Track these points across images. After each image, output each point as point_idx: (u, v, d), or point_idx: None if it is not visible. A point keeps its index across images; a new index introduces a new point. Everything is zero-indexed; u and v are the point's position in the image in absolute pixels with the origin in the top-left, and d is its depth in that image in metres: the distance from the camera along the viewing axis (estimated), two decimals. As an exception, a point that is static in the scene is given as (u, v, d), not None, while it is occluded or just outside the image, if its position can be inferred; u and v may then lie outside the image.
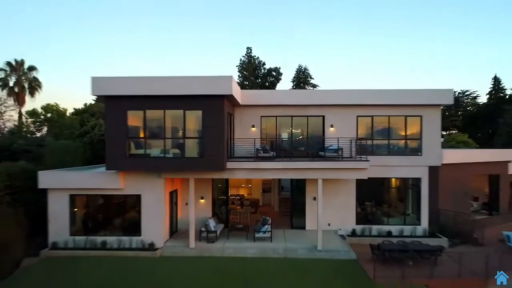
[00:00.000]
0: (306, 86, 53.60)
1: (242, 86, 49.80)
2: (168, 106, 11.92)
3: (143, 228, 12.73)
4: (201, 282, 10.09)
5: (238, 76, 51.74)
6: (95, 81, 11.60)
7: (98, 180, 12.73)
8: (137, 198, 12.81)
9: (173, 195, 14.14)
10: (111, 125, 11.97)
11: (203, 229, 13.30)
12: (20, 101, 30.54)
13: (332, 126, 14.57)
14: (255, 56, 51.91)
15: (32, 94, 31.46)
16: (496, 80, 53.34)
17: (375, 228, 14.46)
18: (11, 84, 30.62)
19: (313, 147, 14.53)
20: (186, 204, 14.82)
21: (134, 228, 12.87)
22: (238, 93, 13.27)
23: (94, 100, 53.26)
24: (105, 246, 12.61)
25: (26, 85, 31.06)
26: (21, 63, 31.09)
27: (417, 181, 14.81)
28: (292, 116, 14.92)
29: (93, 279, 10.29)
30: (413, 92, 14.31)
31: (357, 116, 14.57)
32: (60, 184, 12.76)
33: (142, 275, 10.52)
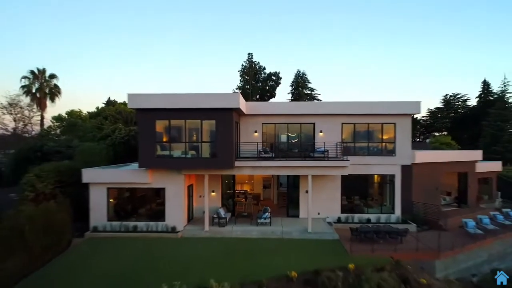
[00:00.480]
0: (304, 89, 56.60)
1: (243, 89, 52.84)
2: (188, 117, 14.90)
3: (167, 214, 15.72)
4: (216, 256, 13.01)
5: (240, 80, 54.76)
6: (131, 97, 14.59)
7: (131, 175, 15.71)
8: (162, 190, 15.81)
9: (190, 189, 17.12)
10: (143, 131, 14.95)
11: (215, 216, 16.29)
12: (42, 106, 33.53)
13: (321, 131, 17.54)
14: (255, 61, 54.92)
15: (52, 99, 34.47)
16: (486, 84, 56.32)
17: (356, 216, 17.44)
18: (33, 90, 33.64)
19: (305, 149, 17.50)
20: (200, 196, 17.85)
21: (159, 214, 15.86)
22: (243, 105, 16.23)
23: (103, 103, 56.38)
24: (136, 229, 15.60)
25: (47, 92, 34.06)
26: (42, 71, 34.11)
27: (391, 177, 17.80)
28: (288, 123, 17.90)
29: (129, 254, 13.21)
30: (388, 103, 17.29)
31: (342, 123, 17.55)
32: (99, 179, 15.74)
33: (169, 251, 13.46)
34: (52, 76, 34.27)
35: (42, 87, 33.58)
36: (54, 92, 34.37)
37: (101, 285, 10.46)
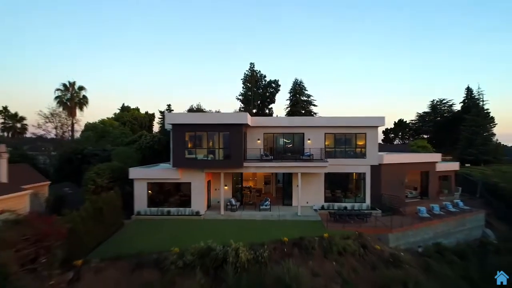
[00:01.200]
0: (301, 96, 61.73)
1: (245, 95, 58.10)
2: (209, 129, 20.12)
3: (192, 202, 20.94)
4: (231, 230, 18.19)
5: (242, 87, 59.99)
6: (168, 115, 19.86)
7: (165, 173, 20.94)
8: (189, 184, 21.04)
9: (208, 183, 22.35)
10: (176, 140, 20.17)
11: (228, 204, 21.52)
12: (72, 114, 38.74)
13: (309, 139, 22.76)
14: (257, 70, 60.23)
15: (81, 108, 39.74)
16: (469, 90, 61.51)
17: (336, 205, 22.64)
18: (65, 100, 38.88)
19: (297, 153, 22.71)
20: (216, 189, 23.07)
21: (186, 202, 21.09)
22: (250, 120, 21.43)
23: (119, 109, 61.56)
24: (169, 213, 20.82)
25: (77, 101, 39.30)
26: (73, 84, 39.38)
27: (363, 175, 23.00)
28: (283, 133, 23.12)
29: (168, 229, 18.38)
30: (360, 118, 22.50)
31: (325, 133, 22.77)
32: (141, 176, 20.96)
33: (196, 227, 18.65)
34: (81, 88, 39.55)
35: (72, 97, 38.86)
36: (83, 102, 39.62)
37: (157, 244, 15.64)
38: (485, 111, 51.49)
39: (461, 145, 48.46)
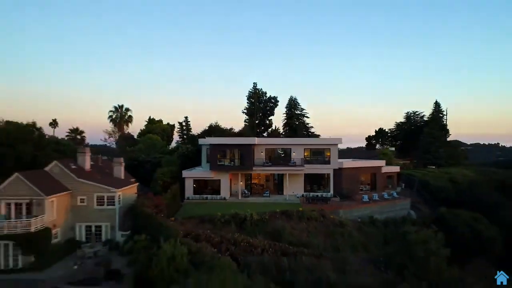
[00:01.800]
0: (295, 110, 74.34)
1: (249, 109, 70.80)
2: (231, 147, 33.06)
3: (221, 191, 33.86)
4: (245, 207, 31.02)
5: (247, 102, 72.54)
6: (207, 139, 32.84)
7: (204, 174, 33.90)
8: (219, 180, 33.95)
9: (230, 180, 35.28)
10: (211, 153, 33.06)
11: (243, 192, 34.45)
12: (121, 130, 51.68)
13: (294, 152, 35.67)
14: (259, 88, 72.95)
15: (127, 125, 52.76)
16: (437, 104, 74.21)
17: (311, 194, 35.49)
18: (116, 119, 51.87)
19: (286, 161, 35.59)
20: (234, 184, 36.00)
21: (217, 191, 33.99)
22: (256, 141, 34.25)
23: (146, 121, 74.49)
24: (206, 198, 33.69)
25: (124, 120, 52.29)
26: (121, 106, 52.46)
27: (329, 175, 35.87)
28: (278, 148, 36.04)
29: (207, 206, 31.29)
30: (326, 139, 35.48)
31: (304, 148, 35.67)
32: (189, 175, 33.88)
33: (224, 206, 31.52)
34: (127, 109, 52.65)
35: (121, 117, 51.84)
36: (129, 120, 52.64)
37: (206, 212, 28.42)
38: (442, 124, 64.45)
39: (420, 152, 61.40)
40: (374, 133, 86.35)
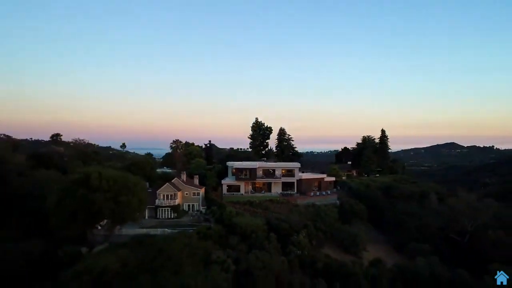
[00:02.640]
0: (284, 136, 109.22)
1: (253, 136, 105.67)
2: (245, 169, 68.24)
3: (240, 190, 68.93)
4: (252, 197, 65.91)
5: (251, 131, 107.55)
6: (233, 164, 68.17)
7: (232, 182, 68.98)
8: (239, 185, 69.01)
9: (245, 185, 70.36)
10: (236, 171, 68.19)
11: (250, 191, 69.57)
12: (178, 159, 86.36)
13: (276, 171, 70.74)
14: (260, 121, 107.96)
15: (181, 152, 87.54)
16: (383, 132, 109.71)
17: (285, 192, 70.47)
18: (175, 150, 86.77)
19: (272, 176, 70.59)
20: (246, 187, 71.19)
21: (238, 190, 69.04)
22: (258, 165, 69.22)
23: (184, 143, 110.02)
24: (233, 194, 68.73)
25: (180, 150, 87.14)
26: (178, 141, 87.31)
27: (294, 183, 70.91)
28: (269, 169, 71.17)
29: (233, 198, 66.35)
30: (292, 164, 70.59)
31: (281, 169, 70.81)
32: (224, 182, 68.97)
33: (241, 197, 66.52)
34: (188, 144, 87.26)
35: (178, 147, 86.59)
36: (182, 150, 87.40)
37: (233, 200, 63.32)
38: (377, 148, 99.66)
39: (362, 166, 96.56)
40: (341, 150, 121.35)
